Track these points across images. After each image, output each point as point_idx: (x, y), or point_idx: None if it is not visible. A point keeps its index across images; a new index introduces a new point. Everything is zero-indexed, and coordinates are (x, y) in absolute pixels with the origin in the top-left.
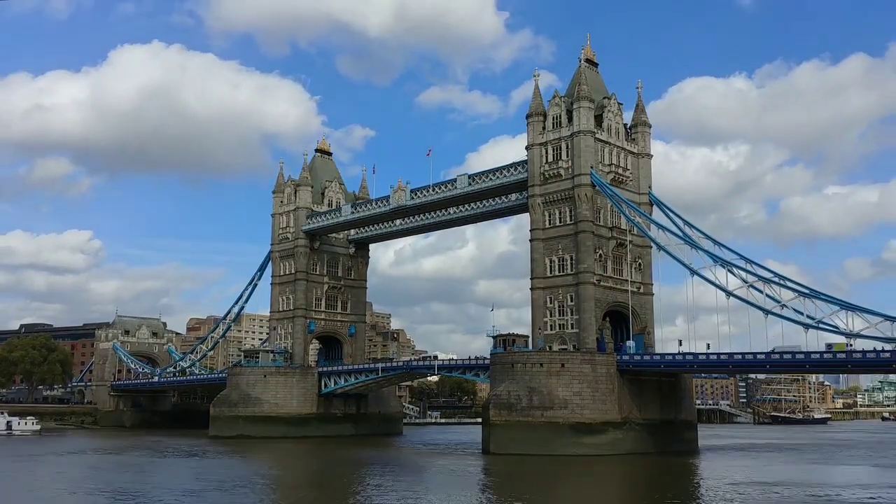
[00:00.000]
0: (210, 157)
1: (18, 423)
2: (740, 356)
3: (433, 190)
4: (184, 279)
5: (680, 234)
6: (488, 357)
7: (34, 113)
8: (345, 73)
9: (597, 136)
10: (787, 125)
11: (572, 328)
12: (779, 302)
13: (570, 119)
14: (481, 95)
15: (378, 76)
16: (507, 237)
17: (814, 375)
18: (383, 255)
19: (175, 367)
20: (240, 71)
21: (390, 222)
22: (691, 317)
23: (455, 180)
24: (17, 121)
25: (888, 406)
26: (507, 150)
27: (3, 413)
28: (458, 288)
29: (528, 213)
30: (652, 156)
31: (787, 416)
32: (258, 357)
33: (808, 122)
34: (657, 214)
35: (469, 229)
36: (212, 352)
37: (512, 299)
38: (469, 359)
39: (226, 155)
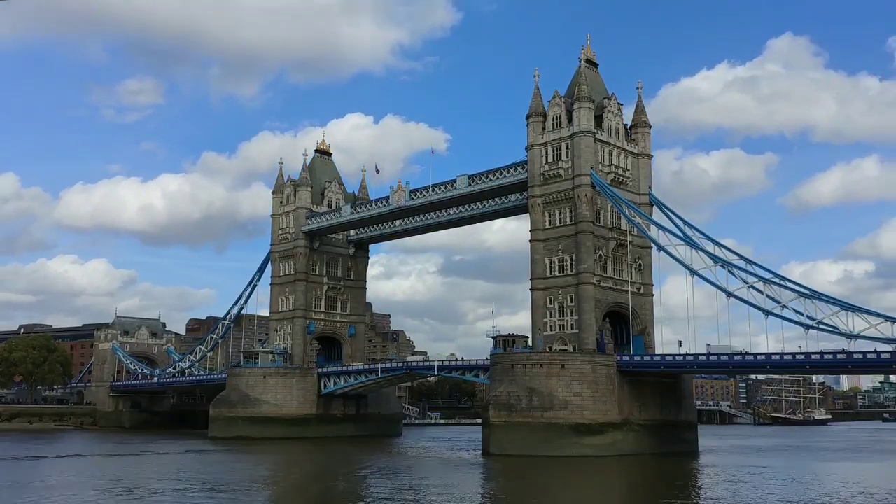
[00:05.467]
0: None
1: None
2: (740, 357)
3: (433, 190)
4: (195, 295)
5: (680, 234)
6: (488, 358)
7: (102, 209)
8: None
9: (597, 136)
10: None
11: (572, 329)
12: (779, 303)
13: (570, 119)
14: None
15: None
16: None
17: (814, 376)
18: None
19: (174, 368)
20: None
21: (390, 223)
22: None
23: (455, 181)
24: (87, 216)
25: (888, 407)
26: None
27: None
28: (414, 306)
29: (527, 214)
30: (652, 156)
31: (788, 416)
32: (258, 358)
33: None
34: (657, 215)
35: (408, 261)
36: (211, 352)
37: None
38: (469, 360)
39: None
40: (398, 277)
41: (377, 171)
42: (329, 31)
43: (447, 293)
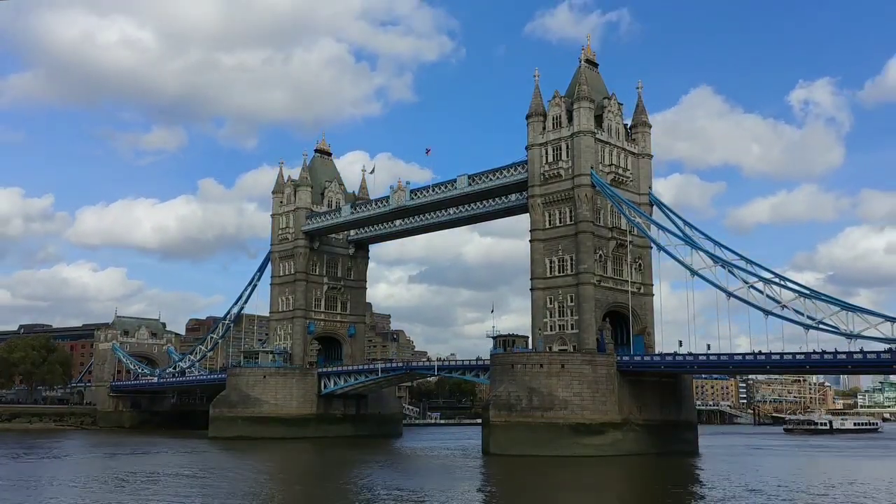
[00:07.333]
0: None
1: None
2: (740, 357)
3: (433, 190)
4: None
5: (680, 234)
6: (488, 358)
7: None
8: None
9: (597, 136)
10: None
11: (572, 329)
12: (779, 302)
13: (570, 119)
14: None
15: None
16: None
17: (814, 376)
18: None
19: (174, 368)
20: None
21: (390, 223)
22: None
23: (455, 180)
24: (100, 233)
25: (888, 407)
26: None
27: None
28: (401, 311)
29: (527, 214)
30: (652, 156)
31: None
32: (258, 358)
33: None
34: (657, 215)
35: (390, 268)
36: (211, 352)
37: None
38: (469, 360)
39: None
40: (383, 283)
41: (372, 170)
42: (319, 98)
43: (433, 298)
